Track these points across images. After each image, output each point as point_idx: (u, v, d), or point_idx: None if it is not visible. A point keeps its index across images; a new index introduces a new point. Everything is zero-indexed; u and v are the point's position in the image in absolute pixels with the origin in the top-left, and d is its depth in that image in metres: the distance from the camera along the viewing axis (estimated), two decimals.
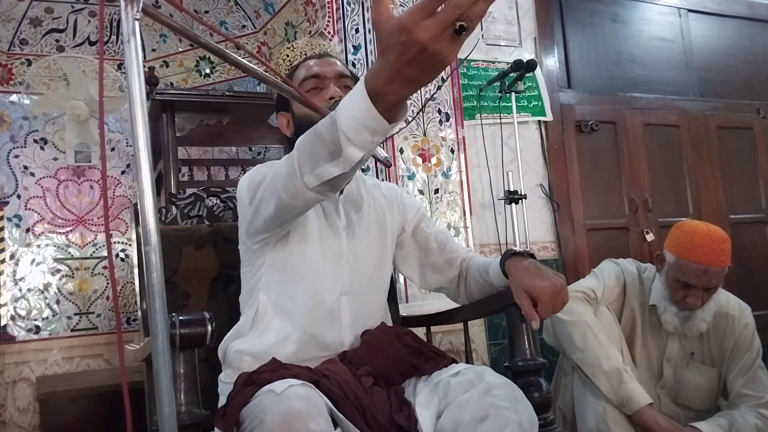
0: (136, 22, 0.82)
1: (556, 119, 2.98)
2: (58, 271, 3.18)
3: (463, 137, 2.70)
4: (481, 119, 2.78)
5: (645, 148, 3.22)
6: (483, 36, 2.88)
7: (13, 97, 3.24)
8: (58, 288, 3.17)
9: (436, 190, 2.62)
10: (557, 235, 2.89)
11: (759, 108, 3.59)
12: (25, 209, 3.16)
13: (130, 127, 0.84)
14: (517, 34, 2.97)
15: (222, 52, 0.99)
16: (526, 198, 2.64)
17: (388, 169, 2.50)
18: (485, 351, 2.59)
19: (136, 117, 0.82)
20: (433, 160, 2.64)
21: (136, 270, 1.56)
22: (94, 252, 3.24)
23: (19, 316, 3.07)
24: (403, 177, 2.57)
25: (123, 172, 3.37)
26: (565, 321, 1.93)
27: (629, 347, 2.02)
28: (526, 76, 2.69)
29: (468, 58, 2.77)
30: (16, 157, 3.19)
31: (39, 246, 3.16)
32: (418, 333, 1.44)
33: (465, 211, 2.64)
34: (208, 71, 3.58)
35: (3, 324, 3.02)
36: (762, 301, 3.06)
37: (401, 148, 2.59)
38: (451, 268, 1.53)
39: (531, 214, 2.72)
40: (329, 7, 2.62)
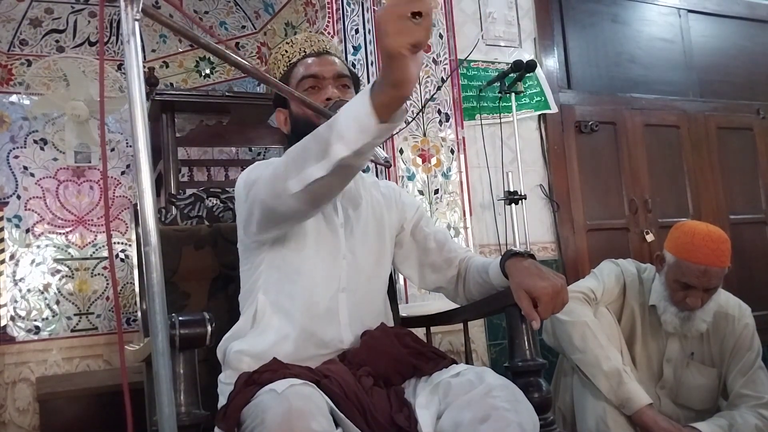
0: (136, 23, 0.82)
1: (556, 119, 2.98)
2: (58, 271, 3.18)
3: (463, 138, 2.70)
4: (480, 120, 2.78)
5: (645, 149, 3.22)
6: (483, 36, 2.88)
7: (13, 98, 3.24)
8: (57, 288, 3.16)
9: (436, 191, 2.62)
10: (557, 236, 2.89)
11: (759, 108, 3.59)
12: (25, 210, 3.16)
13: (130, 128, 0.84)
14: (516, 34, 2.97)
15: (221, 53, 0.99)
16: (525, 198, 2.64)
17: (388, 170, 2.50)
18: (485, 351, 2.59)
19: (135, 117, 0.83)
20: (433, 161, 2.64)
21: (136, 270, 1.56)
22: (94, 252, 3.24)
23: (19, 317, 3.07)
24: (403, 177, 2.57)
25: (123, 173, 3.37)
26: (564, 321, 1.93)
27: (629, 348, 2.02)
28: (526, 75, 2.69)
29: (468, 58, 2.77)
30: (16, 157, 3.19)
31: (39, 246, 3.16)
32: (418, 333, 1.44)
33: (465, 211, 2.64)
34: (208, 72, 3.58)
35: (3, 324, 3.02)
36: (762, 301, 3.06)
37: (401, 149, 2.59)
38: (450, 268, 1.52)
39: (531, 214, 2.72)
40: (329, 8, 2.62)
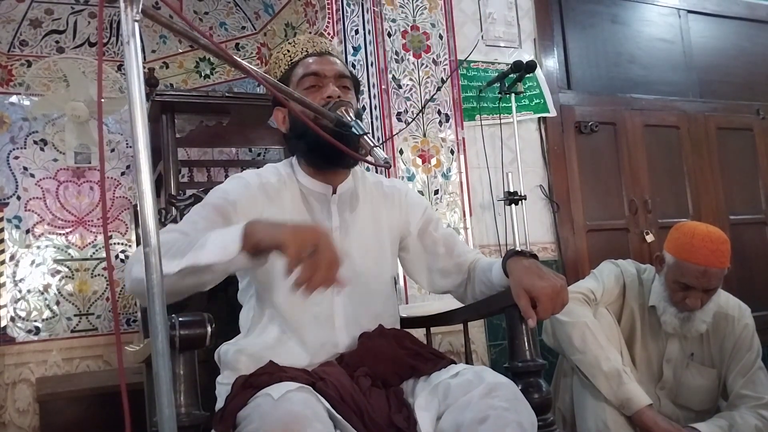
0: (136, 24, 0.82)
1: (556, 120, 2.98)
2: (58, 272, 3.18)
3: (463, 138, 2.70)
4: (480, 120, 2.78)
5: (645, 149, 3.22)
6: (483, 37, 2.88)
7: (13, 99, 3.24)
8: (57, 289, 3.17)
9: (436, 191, 2.62)
10: (557, 236, 2.89)
11: (759, 109, 3.59)
12: (25, 210, 3.17)
13: (129, 128, 0.84)
14: (516, 35, 2.97)
15: (221, 54, 0.99)
16: (525, 199, 2.64)
17: (388, 171, 2.50)
18: (485, 352, 2.59)
19: (135, 118, 0.82)
20: (433, 161, 2.64)
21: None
22: (94, 253, 3.24)
23: (19, 318, 3.07)
24: (403, 178, 2.57)
25: (123, 174, 3.37)
26: (564, 322, 1.93)
27: (629, 348, 2.02)
28: (526, 76, 2.69)
29: (468, 59, 2.77)
30: (16, 158, 3.20)
31: (39, 247, 3.17)
32: (417, 334, 1.44)
33: (465, 212, 2.64)
34: (208, 72, 3.58)
35: (3, 325, 3.02)
36: (762, 301, 3.06)
37: (401, 149, 2.59)
38: (460, 273, 1.50)
39: (531, 215, 2.72)
40: (329, 9, 2.62)
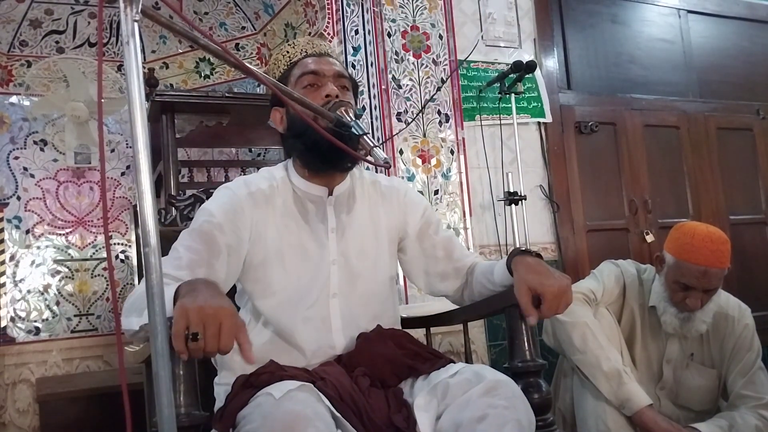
0: (136, 24, 0.82)
1: (556, 120, 2.98)
2: (58, 272, 3.18)
3: (463, 138, 2.70)
4: (480, 120, 2.78)
5: (645, 149, 3.22)
6: (483, 37, 2.88)
7: (13, 99, 3.24)
8: (57, 289, 3.17)
9: (436, 192, 2.62)
10: (557, 236, 2.89)
11: (758, 109, 3.59)
12: (25, 211, 3.17)
13: (129, 129, 0.84)
14: (516, 35, 2.97)
15: (221, 54, 0.99)
16: (525, 199, 2.64)
17: (388, 171, 2.50)
18: (485, 352, 2.59)
19: (135, 118, 0.83)
20: (433, 162, 2.64)
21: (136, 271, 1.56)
22: (94, 253, 3.24)
23: (19, 318, 3.07)
24: (403, 178, 2.57)
25: (123, 174, 3.37)
26: (564, 322, 1.93)
27: (629, 348, 2.02)
28: (526, 77, 2.69)
29: (468, 59, 2.77)
30: (16, 158, 3.20)
31: (39, 247, 3.17)
32: (417, 334, 1.43)
33: (465, 212, 2.64)
34: (208, 73, 3.58)
35: (3, 325, 3.02)
36: (762, 302, 3.06)
37: (401, 150, 2.59)
38: (458, 277, 1.49)
39: (531, 215, 2.72)
40: (329, 9, 2.63)
